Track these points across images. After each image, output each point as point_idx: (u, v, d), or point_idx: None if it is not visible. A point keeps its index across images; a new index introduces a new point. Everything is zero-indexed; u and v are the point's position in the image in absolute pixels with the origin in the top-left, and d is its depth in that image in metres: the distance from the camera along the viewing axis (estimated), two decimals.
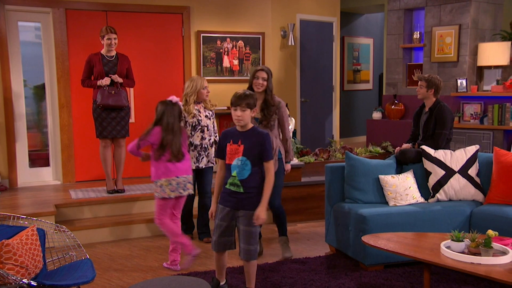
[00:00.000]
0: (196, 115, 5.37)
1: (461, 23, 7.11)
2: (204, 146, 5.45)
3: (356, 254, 4.85)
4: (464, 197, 5.15)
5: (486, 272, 3.44)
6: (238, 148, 3.83)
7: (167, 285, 3.03)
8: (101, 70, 6.08)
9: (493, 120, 6.63)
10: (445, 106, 5.43)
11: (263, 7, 8.07)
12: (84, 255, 3.66)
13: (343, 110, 11.09)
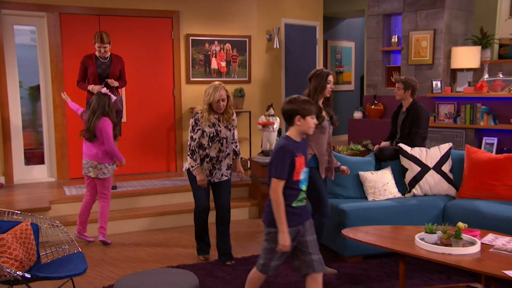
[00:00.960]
0: (216, 125, 4.66)
1: (435, 28, 7.17)
2: (220, 159, 4.76)
3: (337, 246, 4.90)
4: (438, 192, 5.21)
5: (456, 261, 3.49)
6: (302, 160, 3.33)
7: (155, 277, 3.05)
8: (94, 72, 6.01)
9: (465, 119, 6.70)
10: (421, 107, 5.48)
11: (249, 11, 8.08)
12: (77, 249, 3.66)
13: None
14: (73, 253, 3.60)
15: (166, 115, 7.63)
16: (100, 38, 5.94)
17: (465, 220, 4.51)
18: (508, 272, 3.23)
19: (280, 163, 3.20)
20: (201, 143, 4.67)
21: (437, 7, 7.14)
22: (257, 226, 6.09)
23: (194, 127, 4.66)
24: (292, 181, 3.27)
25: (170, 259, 4.97)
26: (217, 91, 4.60)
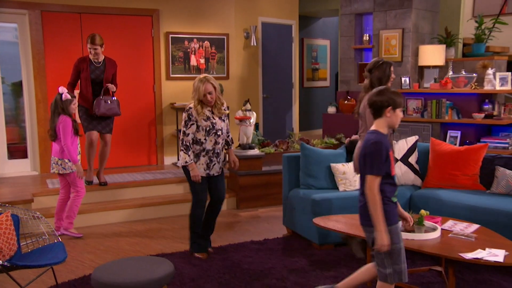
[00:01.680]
0: (210, 118, 4.55)
1: (404, 27, 7.27)
2: (217, 152, 4.64)
3: (309, 235, 4.96)
4: (405, 182, 5.30)
5: (419, 246, 3.58)
6: (392, 153, 3.14)
7: (132, 264, 3.08)
8: (88, 76, 5.90)
9: (431, 114, 6.80)
10: None
11: (227, 10, 8.11)
12: (57, 238, 3.67)
13: (303, 105, 11.22)
14: (53, 242, 3.61)
15: (147, 110, 7.64)
16: (91, 39, 5.84)
17: (429, 208, 4.64)
18: (463, 254, 3.33)
19: (376, 159, 2.97)
20: (197, 138, 4.54)
21: (405, 8, 7.24)
22: (234, 217, 6.14)
23: (187, 122, 4.52)
24: (390, 176, 3.07)
25: (150, 249, 5.00)
26: (202, 85, 4.48)
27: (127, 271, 2.95)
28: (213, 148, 4.61)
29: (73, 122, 5.10)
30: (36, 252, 3.51)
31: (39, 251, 3.52)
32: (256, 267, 4.39)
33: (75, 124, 5.12)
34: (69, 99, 5.05)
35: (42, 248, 3.57)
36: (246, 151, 6.52)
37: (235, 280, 4.11)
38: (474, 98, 6.66)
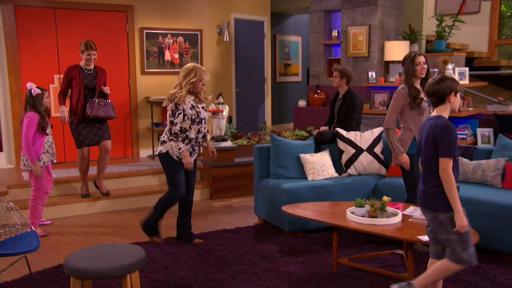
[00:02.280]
0: (195, 107, 4.52)
1: (370, 24, 7.36)
2: (198, 140, 4.67)
3: (279, 222, 5.00)
4: (370, 171, 5.39)
5: (381, 230, 3.66)
6: None
7: (104, 251, 3.07)
8: (81, 82, 5.63)
9: None
10: (356, 94, 5.63)
11: (201, 6, 8.09)
12: (30, 227, 3.65)
13: (276, 99, 11.27)
14: (26, 232, 3.58)
15: (122, 104, 7.59)
16: (89, 45, 5.60)
17: (393, 196, 4.72)
18: (421, 237, 3.42)
19: (450, 141, 2.95)
20: (182, 127, 4.47)
21: (371, 5, 7.33)
22: (207, 207, 6.16)
23: (175, 111, 4.42)
24: (455, 161, 3.04)
25: (125, 238, 5.00)
26: (204, 73, 4.49)
27: (99, 257, 2.95)
28: (196, 137, 4.60)
29: (41, 119, 4.83)
30: (8, 241, 3.47)
31: (12, 240, 3.48)
32: (228, 254, 4.42)
33: (43, 122, 4.84)
34: (39, 93, 4.83)
35: (15, 237, 3.53)
36: (219, 143, 6.54)
37: (207, 267, 4.14)
38: None
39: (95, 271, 2.82)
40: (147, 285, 3.78)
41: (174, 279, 3.88)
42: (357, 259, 4.24)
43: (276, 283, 3.79)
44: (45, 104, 4.91)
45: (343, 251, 4.44)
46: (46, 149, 4.94)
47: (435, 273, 3.13)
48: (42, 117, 4.84)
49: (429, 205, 3.10)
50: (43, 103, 4.88)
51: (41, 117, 4.84)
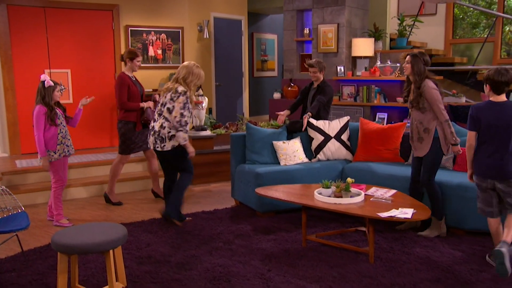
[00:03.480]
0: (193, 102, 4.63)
1: (339, 22, 7.42)
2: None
3: (253, 204, 5.04)
4: (338, 157, 5.46)
5: (346, 209, 3.74)
6: None
7: (89, 229, 3.08)
8: (136, 90, 5.32)
9: (363, 98, 7.01)
10: (329, 84, 5.65)
11: (182, 5, 8.05)
12: (20, 208, 3.63)
13: (254, 93, 11.28)
14: (17, 212, 3.57)
15: (108, 97, 7.52)
16: (139, 52, 5.44)
17: (358, 178, 4.82)
18: (380, 214, 3.50)
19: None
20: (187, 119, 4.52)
21: (339, 5, 7.38)
22: (188, 191, 6.15)
23: (186, 104, 4.44)
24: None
25: (110, 220, 4.99)
26: (201, 72, 4.56)
27: (84, 234, 2.96)
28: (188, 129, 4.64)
29: (49, 111, 4.57)
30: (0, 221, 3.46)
31: (4, 220, 3.47)
32: (205, 233, 4.45)
33: (51, 113, 4.58)
34: (52, 85, 4.57)
35: (7, 217, 3.52)
36: (199, 132, 6.54)
37: (186, 244, 4.16)
38: (398, 84, 6.89)
39: (79, 246, 2.83)
40: (130, 261, 3.79)
41: (155, 256, 3.90)
42: (324, 235, 4.31)
43: (249, 258, 3.84)
44: (55, 97, 4.64)
45: (312, 229, 4.51)
46: (60, 140, 4.71)
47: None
48: (50, 109, 4.58)
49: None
50: (53, 96, 4.60)
51: (49, 109, 4.58)
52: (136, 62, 5.31)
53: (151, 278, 3.48)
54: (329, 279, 3.43)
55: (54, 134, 4.64)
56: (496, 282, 3.38)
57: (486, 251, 3.92)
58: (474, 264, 3.69)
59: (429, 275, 3.48)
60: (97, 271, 3.60)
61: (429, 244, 4.09)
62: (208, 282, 3.41)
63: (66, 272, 2.99)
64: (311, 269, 3.61)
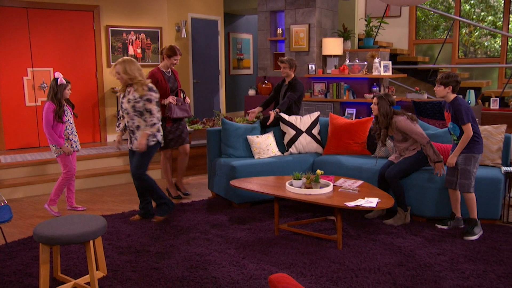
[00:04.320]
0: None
1: (310, 23, 7.45)
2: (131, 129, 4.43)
3: (229, 196, 5.03)
4: (309, 150, 5.49)
5: (315, 199, 3.77)
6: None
7: (70, 221, 3.06)
8: (167, 86, 5.08)
9: (333, 95, 7.07)
10: (300, 81, 5.66)
11: (160, 6, 7.97)
12: (3, 202, 3.57)
13: (230, 90, 11.26)
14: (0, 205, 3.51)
15: (90, 94, 7.43)
16: (177, 51, 5.09)
17: (327, 170, 4.87)
18: (347, 203, 3.55)
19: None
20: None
21: (310, 7, 7.42)
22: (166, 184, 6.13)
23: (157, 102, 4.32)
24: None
25: (92, 212, 4.93)
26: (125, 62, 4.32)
27: (65, 226, 2.93)
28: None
29: (58, 108, 4.59)
30: None
31: None
32: (183, 224, 4.44)
33: (60, 110, 4.59)
34: (64, 83, 4.62)
35: None
36: None
37: (165, 234, 4.15)
38: (365, 81, 6.97)
39: (60, 237, 2.81)
40: (111, 251, 3.77)
41: (135, 246, 3.88)
42: (295, 224, 4.35)
43: (225, 247, 3.86)
44: (66, 95, 4.68)
45: (284, 218, 4.54)
46: (66, 136, 4.77)
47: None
48: (59, 106, 4.61)
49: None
50: (64, 93, 4.66)
51: (58, 106, 4.60)
52: (173, 61, 5.07)
53: (131, 267, 3.46)
54: (300, 265, 3.47)
55: (61, 131, 4.73)
56: (452, 264, 3.48)
57: (443, 236, 4.03)
58: (433, 248, 3.78)
59: (392, 260, 3.55)
60: (79, 261, 3.57)
61: (393, 231, 4.17)
62: (185, 270, 3.42)
63: (48, 262, 2.96)
64: (283, 256, 3.65)
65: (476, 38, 9.50)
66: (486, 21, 9.43)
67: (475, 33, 9.48)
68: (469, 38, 9.54)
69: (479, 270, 3.38)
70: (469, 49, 9.60)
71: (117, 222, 4.49)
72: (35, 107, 6.90)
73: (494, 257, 3.60)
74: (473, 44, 9.56)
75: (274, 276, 1.68)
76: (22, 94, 6.79)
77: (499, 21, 9.07)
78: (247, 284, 3.18)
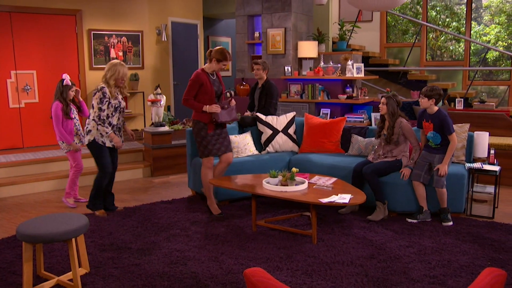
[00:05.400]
0: (117, 97, 4.46)
1: (286, 27, 7.49)
2: (119, 127, 4.57)
3: None
4: (285, 149, 5.51)
5: (291, 196, 3.79)
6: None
7: (52, 219, 3.01)
8: (212, 89, 4.48)
9: (308, 95, 7.11)
10: (273, 83, 5.70)
11: (141, 10, 7.90)
12: None
13: None
14: None
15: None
16: (228, 55, 4.47)
17: (303, 168, 4.89)
18: (322, 199, 3.59)
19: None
20: (107, 113, 4.42)
21: (286, 11, 7.45)
22: (148, 183, 6.10)
23: (103, 99, 4.34)
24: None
25: (75, 211, 4.87)
26: (123, 67, 4.44)
27: (47, 224, 2.89)
28: (117, 123, 4.55)
29: (65, 106, 4.81)
30: None
31: None
32: (164, 221, 4.42)
33: (67, 108, 4.81)
34: (68, 85, 4.82)
35: None
36: (157, 128, 6.47)
37: (146, 232, 4.13)
38: (339, 83, 7.03)
39: (43, 235, 2.76)
40: (93, 248, 3.73)
41: (117, 243, 3.85)
42: (272, 221, 4.37)
43: (204, 243, 3.85)
44: (69, 95, 4.86)
45: (262, 215, 4.56)
46: (75, 132, 4.99)
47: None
48: (66, 105, 4.83)
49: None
50: (68, 94, 4.84)
51: (65, 105, 4.82)
52: (222, 66, 4.49)
53: (113, 264, 3.44)
54: (277, 260, 3.49)
55: (71, 127, 4.93)
56: (419, 255, 3.55)
57: (412, 230, 4.10)
58: (403, 241, 3.85)
59: (364, 253, 3.60)
60: (62, 259, 3.52)
61: (365, 225, 4.23)
62: (166, 266, 3.40)
63: (32, 260, 2.91)
64: (260, 251, 3.66)
65: (442, 42, 9.70)
66: (451, 26, 9.63)
67: (441, 38, 9.68)
68: (435, 43, 9.73)
69: (444, 260, 3.45)
70: (436, 53, 9.79)
71: (100, 220, 4.44)
72: (19, 109, 6.76)
73: (458, 248, 3.68)
74: (439, 48, 9.75)
75: (249, 270, 1.70)
76: (6, 96, 6.65)
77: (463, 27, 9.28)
78: (225, 278, 3.19)
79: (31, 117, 6.84)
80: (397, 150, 4.52)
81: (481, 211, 4.52)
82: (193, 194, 5.44)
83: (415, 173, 4.34)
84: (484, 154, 4.70)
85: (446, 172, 4.24)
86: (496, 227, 4.19)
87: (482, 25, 9.40)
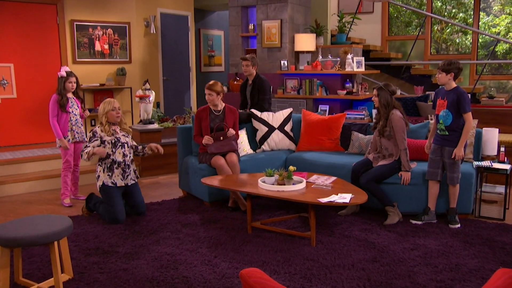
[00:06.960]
0: (114, 134, 4.50)
1: (282, 19, 7.47)
2: (127, 164, 4.56)
3: (201, 194, 5.01)
4: (282, 147, 5.51)
5: (288, 195, 3.78)
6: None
7: (33, 221, 2.97)
8: (207, 125, 4.90)
9: (305, 91, 7.10)
10: (263, 78, 5.69)
11: (128, 1, 7.84)
12: None
13: (201, 87, 11.14)
14: None
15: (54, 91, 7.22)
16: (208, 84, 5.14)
17: (300, 167, 4.88)
18: (321, 199, 3.57)
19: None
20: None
21: (282, 2, 7.43)
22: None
23: (91, 138, 4.45)
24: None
25: (57, 212, 4.83)
26: (109, 102, 4.50)
27: (27, 226, 2.85)
28: (123, 160, 4.52)
29: (61, 98, 4.90)
30: None
31: None
32: (154, 224, 4.39)
33: (62, 100, 4.91)
34: (63, 76, 4.92)
35: None
36: (146, 126, 6.43)
37: (134, 235, 4.09)
38: (338, 78, 7.03)
39: (21, 239, 2.73)
40: (77, 252, 3.69)
41: (103, 247, 3.81)
42: (268, 222, 4.35)
43: (196, 246, 3.83)
44: (67, 87, 4.95)
45: (257, 216, 4.54)
46: (70, 126, 5.01)
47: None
48: (61, 97, 4.91)
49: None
50: (65, 86, 4.93)
51: (61, 97, 4.90)
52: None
53: (98, 269, 3.40)
54: (273, 263, 3.47)
55: (66, 121, 4.97)
56: (425, 258, 3.54)
57: (417, 232, 4.10)
58: (407, 243, 3.84)
59: (366, 256, 3.59)
60: (43, 264, 3.48)
61: (367, 227, 4.22)
62: (155, 270, 3.37)
63: (8, 266, 2.87)
64: (256, 254, 3.64)
65: (447, 34, 9.71)
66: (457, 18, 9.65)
67: (446, 30, 9.69)
68: (441, 35, 9.75)
69: (452, 264, 3.45)
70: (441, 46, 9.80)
71: (85, 223, 4.41)
72: None
73: (466, 251, 3.68)
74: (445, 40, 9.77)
75: (245, 270, 1.67)
76: None
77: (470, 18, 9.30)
78: (219, 283, 3.16)
79: (8, 114, 6.76)
80: (391, 145, 4.41)
81: (490, 212, 4.52)
82: (184, 195, 5.42)
83: (431, 172, 4.25)
84: (494, 151, 4.70)
85: (463, 155, 4.13)
86: (507, 229, 4.19)
87: (491, 15, 9.41)
